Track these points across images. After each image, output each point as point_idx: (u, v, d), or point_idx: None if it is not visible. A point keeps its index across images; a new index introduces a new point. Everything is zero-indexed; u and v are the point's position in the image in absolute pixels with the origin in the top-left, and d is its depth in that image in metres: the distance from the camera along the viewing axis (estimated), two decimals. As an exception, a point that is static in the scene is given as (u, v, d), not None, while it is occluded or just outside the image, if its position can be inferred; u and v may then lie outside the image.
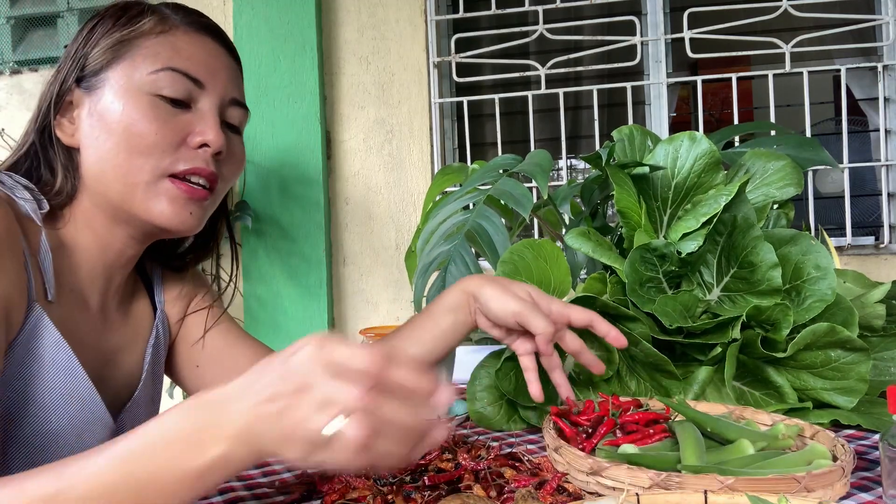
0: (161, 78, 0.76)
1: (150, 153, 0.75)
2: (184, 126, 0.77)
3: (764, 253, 0.94)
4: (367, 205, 2.84)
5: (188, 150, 0.77)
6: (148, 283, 0.92)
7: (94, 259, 0.80)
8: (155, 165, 0.75)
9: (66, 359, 0.72)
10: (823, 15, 2.53)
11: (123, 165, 0.75)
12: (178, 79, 0.76)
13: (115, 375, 0.84)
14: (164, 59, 0.76)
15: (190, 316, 0.94)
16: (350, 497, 0.69)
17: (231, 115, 0.82)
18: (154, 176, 0.76)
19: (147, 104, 0.75)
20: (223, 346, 0.94)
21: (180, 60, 0.77)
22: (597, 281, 1.02)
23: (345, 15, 2.84)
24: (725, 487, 0.61)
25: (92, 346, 0.79)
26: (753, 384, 0.95)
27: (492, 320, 0.85)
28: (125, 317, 0.87)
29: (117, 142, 0.75)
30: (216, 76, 0.79)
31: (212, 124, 0.78)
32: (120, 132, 0.75)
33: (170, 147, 0.76)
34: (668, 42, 2.70)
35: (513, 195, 1.20)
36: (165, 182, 0.76)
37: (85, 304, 0.80)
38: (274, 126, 2.75)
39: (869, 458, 0.79)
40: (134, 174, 0.75)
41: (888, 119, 2.56)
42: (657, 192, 1.05)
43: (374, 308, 2.81)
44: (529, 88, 2.90)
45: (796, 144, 1.26)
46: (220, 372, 0.92)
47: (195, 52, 0.78)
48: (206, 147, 0.77)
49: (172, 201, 0.76)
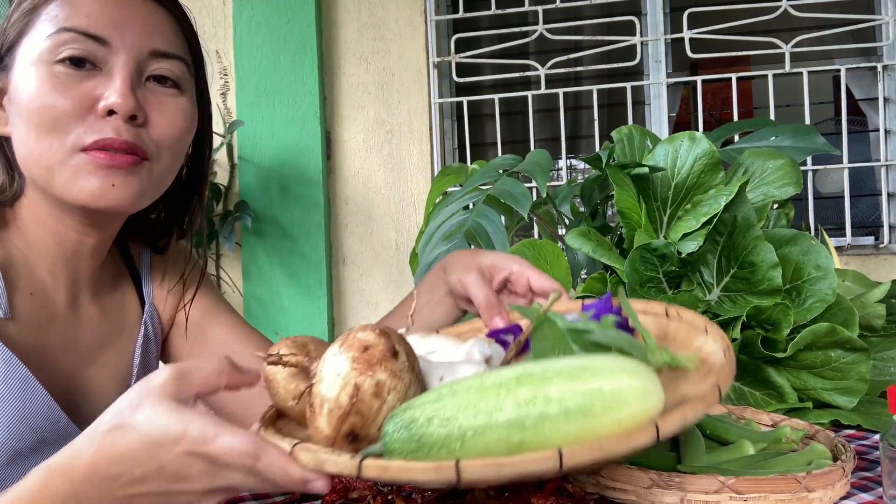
0: (57, 41, 0.67)
1: (55, 129, 0.67)
2: (88, 92, 0.68)
3: (764, 253, 0.94)
4: (367, 205, 2.84)
5: (97, 119, 0.68)
6: (136, 278, 0.86)
7: (52, 254, 0.74)
8: (62, 142, 0.67)
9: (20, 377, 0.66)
10: (823, 15, 2.53)
11: (36, 148, 0.68)
12: (76, 39, 0.67)
13: (101, 375, 0.79)
14: (60, 20, 0.67)
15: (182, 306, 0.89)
16: (350, 497, 0.69)
17: (157, 68, 0.72)
18: (64, 153, 0.67)
19: (46, 75, 0.67)
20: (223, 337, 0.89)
21: (78, 18, 0.68)
22: (597, 281, 1.02)
23: (345, 15, 2.84)
24: (725, 487, 0.61)
25: (65, 350, 0.75)
26: (753, 384, 0.95)
27: (451, 290, 0.82)
28: (104, 311, 0.81)
29: (26, 123, 0.67)
30: (125, 29, 0.69)
31: (118, 85, 0.68)
32: (28, 112, 0.67)
33: (75, 118, 0.67)
34: (667, 42, 2.70)
35: (512, 194, 1.20)
36: (79, 156, 0.68)
37: (51, 305, 0.74)
38: (274, 126, 2.75)
39: (869, 458, 0.79)
40: (44, 156, 0.67)
41: (888, 119, 2.56)
42: (657, 192, 1.05)
43: (374, 308, 2.81)
44: (529, 88, 2.89)
45: (793, 133, 1.26)
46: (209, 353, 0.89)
47: (97, 7, 0.69)
48: (114, 114, 0.68)
49: (91, 174, 0.68)
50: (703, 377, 0.57)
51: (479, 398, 0.45)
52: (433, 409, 0.46)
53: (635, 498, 0.64)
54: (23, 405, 0.67)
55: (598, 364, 0.46)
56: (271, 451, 0.47)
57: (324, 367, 0.49)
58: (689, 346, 0.63)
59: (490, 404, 0.45)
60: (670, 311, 0.67)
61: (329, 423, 0.48)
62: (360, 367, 0.47)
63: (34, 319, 0.72)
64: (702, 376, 0.57)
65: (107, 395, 0.80)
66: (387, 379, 0.48)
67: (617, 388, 0.44)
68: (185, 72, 0.74)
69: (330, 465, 0.46)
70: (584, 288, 1.03)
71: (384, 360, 0.48)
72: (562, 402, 0.44)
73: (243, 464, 0.47)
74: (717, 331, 0.60)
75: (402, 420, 0.46)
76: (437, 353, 0.61)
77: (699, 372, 0.57)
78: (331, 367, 0.48)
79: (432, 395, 0.47)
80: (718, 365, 0.56)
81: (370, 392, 0.47)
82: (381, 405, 0.48)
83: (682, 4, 2.72)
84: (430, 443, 0.45)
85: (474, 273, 0.78)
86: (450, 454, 0.44)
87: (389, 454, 0.46)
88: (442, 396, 0.46)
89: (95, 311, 0.80)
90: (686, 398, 0.54)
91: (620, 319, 0.66)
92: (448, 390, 0.47)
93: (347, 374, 0.47)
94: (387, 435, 0.46)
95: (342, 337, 0.50)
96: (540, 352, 0.59)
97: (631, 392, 0.45)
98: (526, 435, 0.44)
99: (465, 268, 0.80)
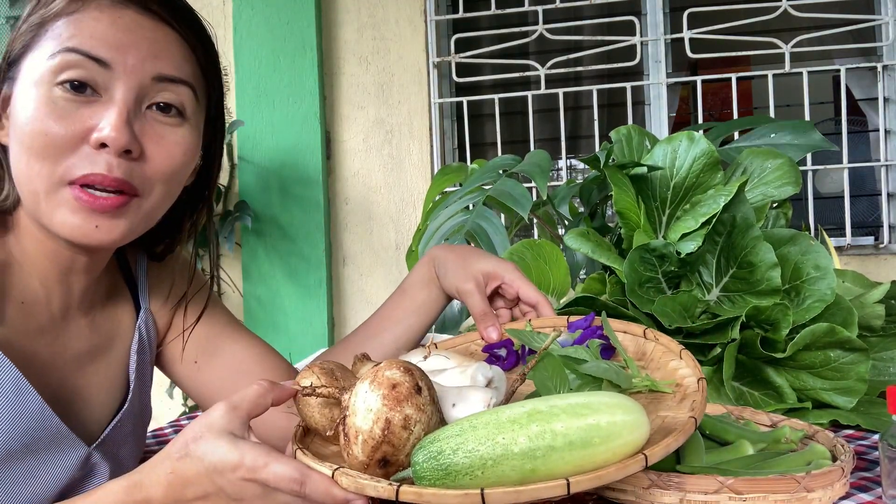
0: (58, 63, 0.64)
1: (45, 156, 0.64)
2: (84, 120, 0.64)
3: (763, 253, 0.94)
4: (367, 205, 2.84)
5: (91, 151, 0.64)
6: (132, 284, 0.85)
7: (45, 267, 0.72)
8: (51, 171, 0.64)
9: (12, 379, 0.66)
10: (823, 15, 2.53)
11: (24, 171, 0.65)
12: (75, 61, 0.64)
13: (91, 384, 0.78)
14: (63, 40, 0.64)
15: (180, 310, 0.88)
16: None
17: (159, 94, 0.68)
18: (51, 183, 0.64)
19: (44, 97, 0.64)
20: (223, 342, 0.89)
21: (81, 39, 0.64)
22: (596, 281, 1.02)
23: (344, 15, 2.84)
24: (724, 488, 0.61)
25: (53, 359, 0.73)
26: (753, 384, 0.95)
27: (444, 290, 0.91)
28: (95, 321, 0.79)
29: (19, 143, 0.65)
30: (128, 52, 0.65)
31: (113, 118, 0.64)
32: (22, 134, 0.65)
33: (67, 147, 0.64)
34: (667, 42, 2.70)
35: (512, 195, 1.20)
36: (65, 190, 0.65)
37: (40, 315, 0.72)
38: (274, 126, 2.75)
39: (868, 458, 0.79)
40: (33, 181, 0.65)
41: (888, 119, 2.56)
42: (656, 192, 1.05)
43: (374, 308, 2.80)
44: (529, 88, 2.90)
45: (792, 129, 1.26)
46: (221, 368, 0.88)
47: (102, 29, 0.65)
48: (106, 147, 0.64)
49: (74, 213, 0.65)
50: (679, 401, 0.66)
51: (496, 433, 0.53)
52: (457, 441, 0.54)
53: (634, 498, 0.64)
54: (15, 407, 0.66)
55: (596, 402, 0.55)
56: (315, 477, 0.55)
57: (356, 402, 0.56)
58: (664, 366, 0.72)
59: (506, 438, 0.53)
60: (648, 334, 0.76)
61: (363, 452, 0.55)
62: (389, 403, 0.55)
63: (23, 328, 0.71)
64: (678, 400, 0.66)
65: (100, 400, 0.78)
66: (413, 413, 0.55)
67: (612, 423, 0.53)
68: (191, 98, 0.71)
69: (370, 489, 0.53)
70: (582, 288, 1.03)
71: (410, 397, 0.55)
72: (566, 436, 0.53)
73: (291, 488, 0.54)
74: (690, 358, 0.70)
75: (430, 451, 0.54)
76: (444, 373, 0.70)
77: (675, 396, 0.67)
78: (363, 402, 0.55)
79: (455, 428, 0.55)
80: (692, 393, 0.65)
81: (399, 425, 0.55)
82: (409, 436, 0.55)
83: (682, 4, 2.72)
84: (455, 471, 0.53)
85: (471, 284, 0.86)
86: (472, 481, 0.52)
87: (419, 480, 0.53)
88: (464, 431, 0.54)
89: (86, 321, 0.78)
90: (665, 421, 0.63)
91: (604, 343, 0.76)
92: (469, 425, 0.54)
93: (379, 410, 0.55)
94: (417, 464, 0.54)
95: (371, 372, 0.57)
96: (540, 381, 0.68)
97: (624, 426, 0.54)
98: (537, 464, 0.52)
99: (462, 277, 0.87)
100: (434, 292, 0.92)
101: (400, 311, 0.92)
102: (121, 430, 0.79)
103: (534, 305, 0.85)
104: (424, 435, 0.56)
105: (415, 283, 0.93)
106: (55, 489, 0.70)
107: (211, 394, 0.88)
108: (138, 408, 0.83)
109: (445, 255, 0.90)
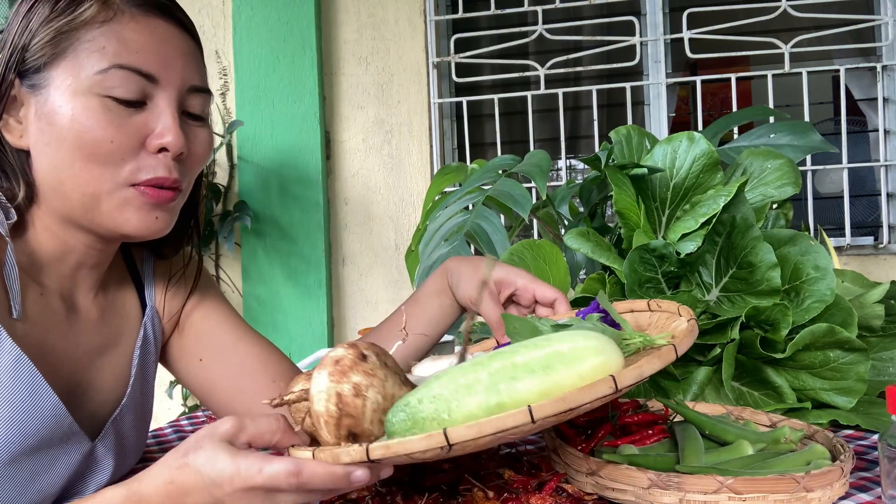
0: (110, 78, 0.69)
1: (107, 162, 0.70)
2: (140, 128, 0.71)
3: (763, 253, 0.94)
4: (367, 205, 2.84)
5: (148, 155, 0.71)
6: (138, 280, 0.87)
7: (58, 264, 0.76)
8: (115, 174, 0.70)
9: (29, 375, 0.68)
10: (822, 15, 2.53)
11: (81, 175, 0.70)
12: (128, 77, 0.69)
13: (99, 378, 0.80)
14: (111, 56, 0.69)
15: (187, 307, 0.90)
16: (349, 498, 0.69)
17: (192, 104, 0.75)
18: (116, 185, 0.71)
19: (98, 108, 0.69)
20: (228, 341, 0.90)
21: (129, 55, 0.69)
22: (596, 281, 1.02)
23: (344, 15, 2.84)
24: (724, 488, 0.61)
25: (65, 352, 0.75)
26: (752, 384, 0.95)
27: (458, 301, 0.91)
28: (104, 315, 0.82)
29: (71, 150, 0.69)
30: (171, 66, 0.72)
31: (170, 125, 0.71)
32: (72, 140, 0.69)
33: (128, 153, 0.70)
34: (667, 42, 2.70)
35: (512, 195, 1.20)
36: (128, 190, 0.71)
37: (53, 311, 0.75)
38: (273, 126, 2.75)
39: (868, 458, 0.79)
40: (94, 184, 0.70)
41: (887, 119, 2.56)
42: (656, 192, 1.06)
43: (374, 308, 2.82)
44: (529, 89, 2.90)
45: (791, 129, 1.26)
46: (226, 366, 0.89)
47: (145, 42, 0.71)
48: (165, 151, 0.72)
49: (138, 209, 0.72)
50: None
51: (459, 375, 0.54)
52: (422, 391, 0.54)
53: (634, 498, 0.64)
54: (30, 404, 0.68)
55: (558, 335, 0.56)
56: (311, 464, 0.55)
57: (312, 390, 0.56)
58: (666, 329, 0.72)
59: (469, 378, 0.53)
60: (652, 305, 0.76)
61: (330, 433, 0.55)
62: (335, 377, 0.55)
63: (39, 322, 0.73)
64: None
65: (105, 396, 0.80)
66: (361, 379, 0.55)
67: (573, 348, 0.54)
68: (209, 102, 0.78)
69: (344, 456, 0.53)
70: (582, 289, 1.03)
71: (355, 365, 0.56)
72: (527, 366, 0.53)
73: (290, 482, 0.55)
74: (686, 309, 0.69)
75: (398, 407, 0.54)
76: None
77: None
78: (315, 387, 0.56)
79: (422, 384, 0.55)
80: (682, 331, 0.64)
81: (351, 394, 0.55)
82: (365, 401, 0.55)
83: (681, 4, 2.72)
84: (422, 418, 0.52)
85: (485, 292, 0.86)
86: (440, 425, 0.52)
87: (391, 436, 0.53)
88: (429, 382, 0.55)
89: (95, 314, 0.81)
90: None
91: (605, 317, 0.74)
92: (434, 377, 0.55)
93: (328, 388, 0.55)
94: (389, 423, 0.54)
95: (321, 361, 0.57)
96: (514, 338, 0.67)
97: (587, 350, 0.54)
98: (501, 397, 0.52)
99: (475, 287, 0.87)
100: (446, 303, 0.92)
101: (412, 320, 0.92)
102: (121, 423, 0.81)
103: (552, 302, 0.85)
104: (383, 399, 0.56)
105: (428, 294, 0.93)
106: (60, 483, 0.71)
107: (215, 392, 0.89)
108: (139, 402, 0.84)
109: (458, 265, 0.91)
